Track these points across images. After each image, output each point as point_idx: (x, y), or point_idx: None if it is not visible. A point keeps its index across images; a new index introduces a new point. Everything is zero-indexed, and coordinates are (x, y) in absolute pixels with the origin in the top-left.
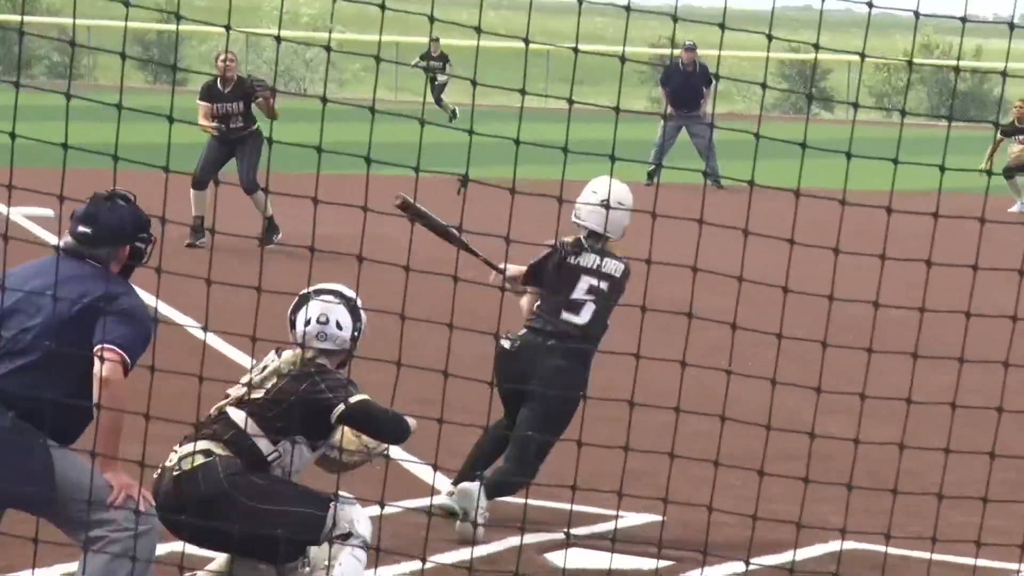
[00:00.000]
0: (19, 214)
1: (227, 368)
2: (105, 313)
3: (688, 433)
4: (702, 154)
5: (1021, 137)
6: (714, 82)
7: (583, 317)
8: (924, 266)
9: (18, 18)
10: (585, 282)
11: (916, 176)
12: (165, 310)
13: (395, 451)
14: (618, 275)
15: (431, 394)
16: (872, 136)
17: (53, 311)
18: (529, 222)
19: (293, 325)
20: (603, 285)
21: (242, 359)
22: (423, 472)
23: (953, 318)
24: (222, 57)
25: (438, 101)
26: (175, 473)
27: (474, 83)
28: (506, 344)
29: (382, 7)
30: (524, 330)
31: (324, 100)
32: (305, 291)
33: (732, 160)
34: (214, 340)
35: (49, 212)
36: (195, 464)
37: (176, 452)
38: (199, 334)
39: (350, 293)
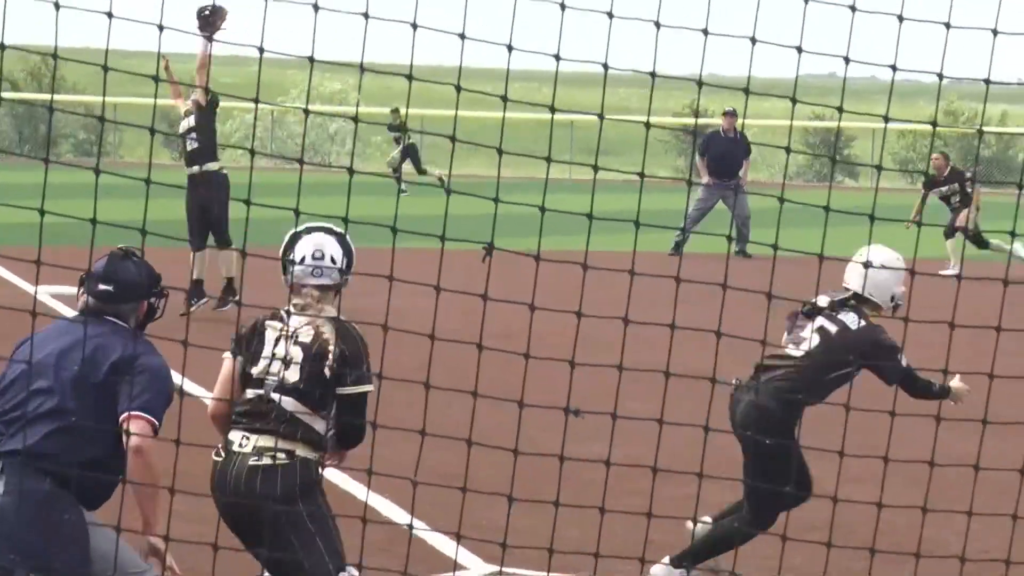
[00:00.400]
0: (45, 293)
1: None
2: (131, 374)
3: (712, 504)
4: (740, 223)
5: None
6: (750, 153)
7: (799, 352)
8: (947, 329)
9: (46, 96)
10: (818, 322)
11: (940, 243)
12: (190, 387)
13: (418, 523)
14: (852, 326)
15: (454, 467)
16: (897, 203)
17: (81, 372)
18: (554, 291)
19: (286, 267)
20: (832, 328)
21: None
22: (444, 545)
23: (978, 379)
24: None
25: (417, 165)
26: (253, 463)
27: (500, 151)
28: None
29: (409, 77)
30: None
31: (351, 171)
32: (293, 231)
33: (757, 229)
34: None
35: (75, 291)
36: (277, 462)
37: (250, 440)
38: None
39: (338, 228)
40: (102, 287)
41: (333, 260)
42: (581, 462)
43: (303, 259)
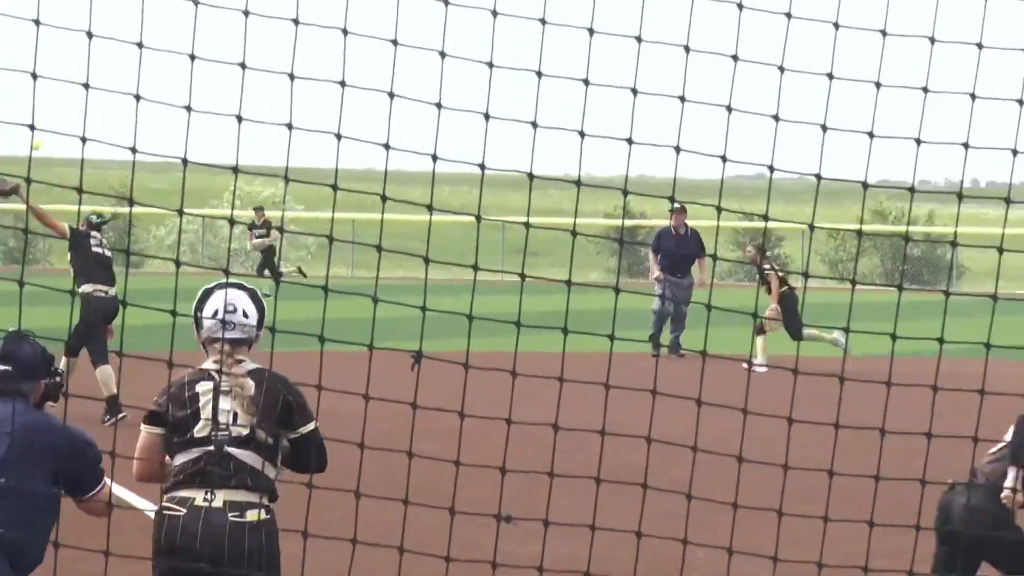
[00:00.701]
0: None
1: None
2: (72, 458)
3: None
4: (677, 321)
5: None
6: (705, 251)
7: (997, 446)
8: (878, 433)
9: None
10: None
11: (869, 342)
12: (120, 491)
13: None
14: None
15: (389, 568)
16: (826, 301)
17: (10, 448)
18: (484, 389)
19: (199, 322)
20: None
21: None
22: None
23: (908, 485)
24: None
25: (272, 269)
26: (235, 519)
27: (427, 260)
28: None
29: (334, 187)
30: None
31: (278, 280)
32: (206, 287)
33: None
34: None
35: None
36: (260, 518)
37: (216, 495)
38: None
39: (249, 285)
40: (1, 367)
41: (245, 315)
42: (518, 564)
43: (215, 314)
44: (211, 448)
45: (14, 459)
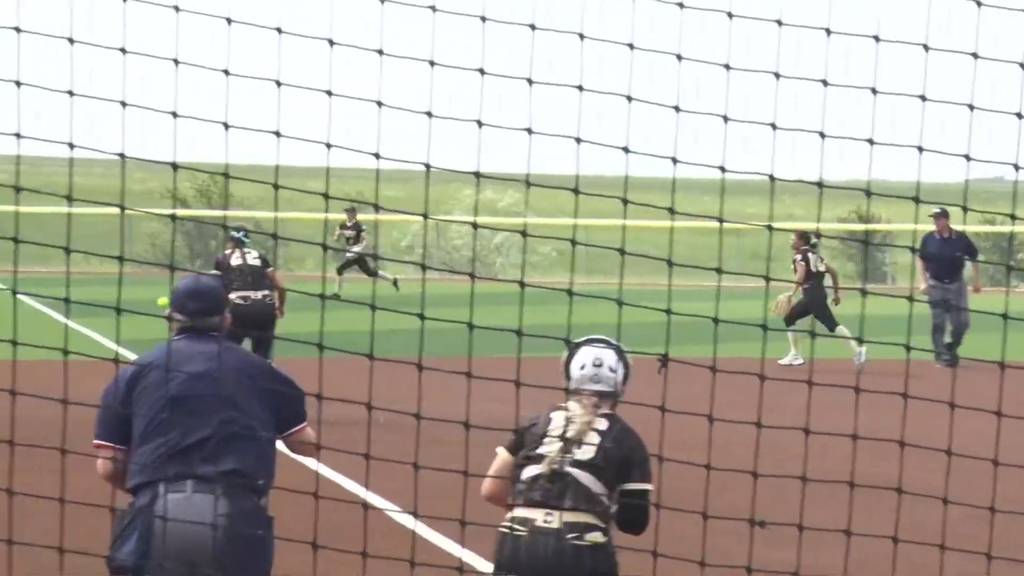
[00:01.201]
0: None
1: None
2: (279, 386)
3: None
4: (957, 332)
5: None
6: (977, 254)
7: None
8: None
9: (214, 213)
10: None
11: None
12: (329, 473)
13: None
14: None
15: (638, 570)
16: None
17: (239, 385)
18: (731, 400)
19: (568, 373)
20: None
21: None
22: None
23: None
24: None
25: (370, 273)
26: (574, 541)
27: (670, 263)
28: None
29: (575, 191)
30: None
31: (522, 284)
32: (576, 341)
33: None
34: (374, 499)
35: None
36: (598, 541)
37: (554, 516)
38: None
39: (615, 341)
40: (198, 304)
41: (611, 370)
42: (772, 570)
43: (583, 366)
44: (555, 467)
45: (242, 395)
